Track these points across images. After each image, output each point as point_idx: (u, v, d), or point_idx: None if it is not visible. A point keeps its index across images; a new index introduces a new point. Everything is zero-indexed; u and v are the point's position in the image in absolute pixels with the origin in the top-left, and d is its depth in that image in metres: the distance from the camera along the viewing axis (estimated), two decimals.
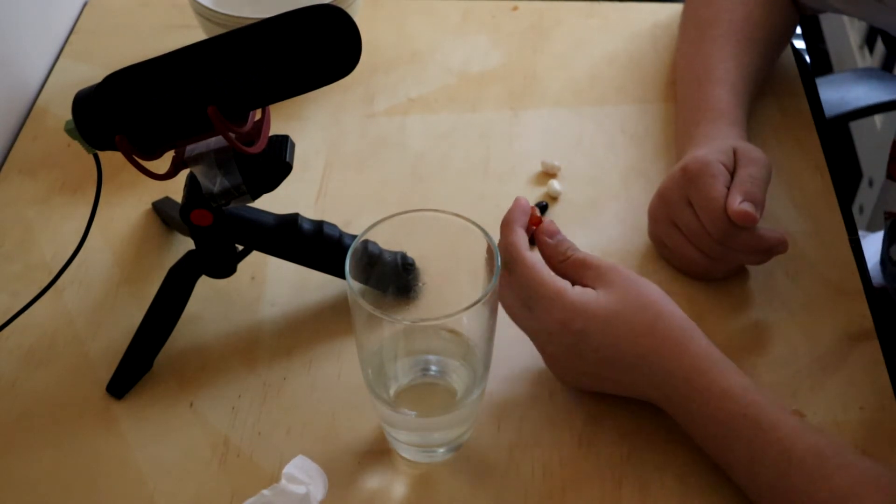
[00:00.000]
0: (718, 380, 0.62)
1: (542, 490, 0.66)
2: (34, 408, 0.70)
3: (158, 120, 0.60)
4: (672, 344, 0.64)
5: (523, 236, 0.66)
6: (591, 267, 0.66)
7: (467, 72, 0.98)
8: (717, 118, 0.80)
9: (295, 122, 0.92)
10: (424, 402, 0.67)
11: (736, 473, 0.63)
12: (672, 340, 0.64)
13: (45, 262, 0.80)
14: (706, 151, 0.75)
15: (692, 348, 0.64)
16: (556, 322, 0.64)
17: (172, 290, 0.72)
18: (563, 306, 0.64)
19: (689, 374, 0.63)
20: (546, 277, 0.65)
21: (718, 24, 0.87)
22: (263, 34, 0.57)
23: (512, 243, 0.66)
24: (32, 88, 0.95)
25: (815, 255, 0.80)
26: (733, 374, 0.63)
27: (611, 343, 0.64)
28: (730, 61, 0.84)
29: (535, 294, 0.65)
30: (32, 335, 0.75)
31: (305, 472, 0.63)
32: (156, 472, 0.67)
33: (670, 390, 0.64)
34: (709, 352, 0.64)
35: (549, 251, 0.67)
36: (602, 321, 0.64)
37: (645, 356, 0.64)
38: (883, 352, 0.73)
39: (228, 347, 0.74)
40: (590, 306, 0.64)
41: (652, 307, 0.64)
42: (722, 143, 0.76)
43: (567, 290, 0.64)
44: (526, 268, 0.65)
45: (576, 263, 0.66)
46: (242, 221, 0.70)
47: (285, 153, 0.65)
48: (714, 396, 0.62)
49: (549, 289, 0.64)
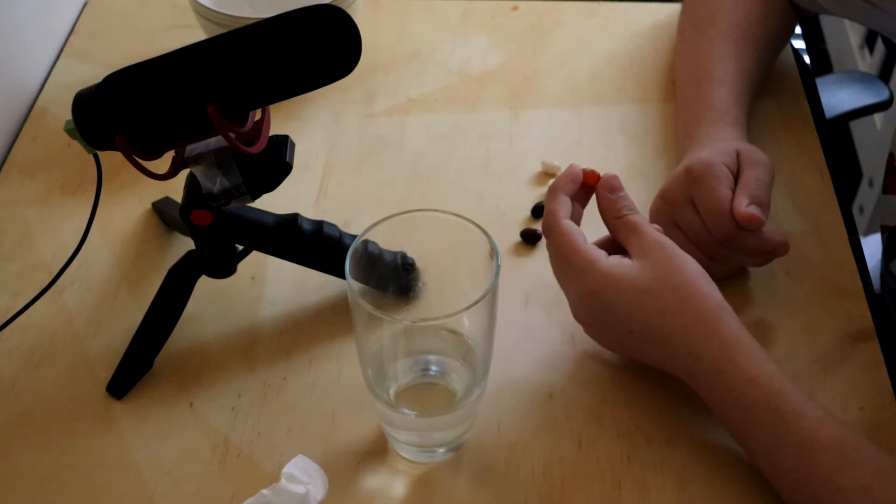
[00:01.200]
0: (745, 367, 0.63)
1: (542, 490, 0.66)
2: (34, 408, 0.70)
3: (158, 120, 0.60)
4: (701, 326, 0.64)
5: (566, 204, 0.68)
6: (639, 234, 0.66)
7: (467, 72, 0.98)
8: (717, 119, 0.80)
9: (295, 122, 0.92)
10: (424, 402, 0.67)
11: (757, 458, 0.64)
12: (701, 323, 0.64)
13: (45, 262, 0.80)
14: (709, 153, 0.75)
15: (721, 332, 0.64)
16: (587, 291, 0.66)
17: (172, 290, 0.72)
18: (594, 276, 0.65)
19: (716, 358, 0.63)
20: (580, 246, 0.66)
21: (716, 23, 0.87)
22: (263, 34, 0.57)
23: (551, 210, 0.68)
24: (32, 88, 0.95)
25: (815, 255, 0.80)
26: (761, 361, 0.63)
27: (639, 318, 0.65)
28: (728, 61, 0.84)
29: (569, 262, 0.66)
30: (32, 335, 0.75)
31: (305, 472, 0.63)
32: (156, 472, 0.67)
33: (695, 371, 0.65)
34: (738, 336, 0.64)
35: (606, 205, 0.69)
36: (632, 295, 0.64)
37: (672, 335, 0.64)
38: (883, 352, 0.73)
39: (228, 347, 0.74)
40: (622, 279, 0.64)
41: (685, 287, 0.64)
42: (724, 145, 0.76)
43: (600, 259, 0.65)
44: (561, 235, 0.66)
45: (627, 225, 0.67)
46: (242, 221, 0.70)
47: (285, 153, 0.65)
48: (739, 383, 0.62)
49: (583, 258, 0.65)
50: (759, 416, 0.62)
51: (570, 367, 0.73)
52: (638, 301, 0.64)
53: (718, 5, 0.88)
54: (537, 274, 0.78)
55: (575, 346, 0.74)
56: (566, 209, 0.67)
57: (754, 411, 0.62)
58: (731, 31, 0.86)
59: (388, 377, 0.66)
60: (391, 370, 0.66)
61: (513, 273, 0.78)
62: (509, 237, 0.81)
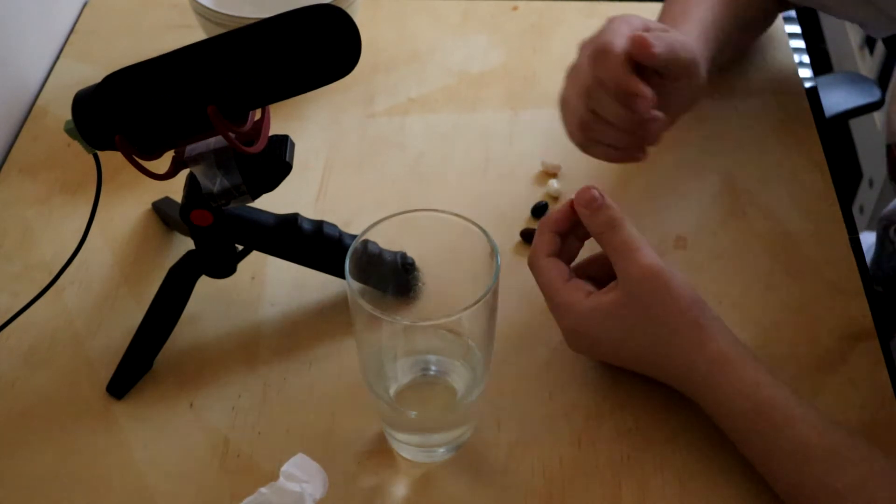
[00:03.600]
0: (733, 380, 0.63)
1: (542, 490, 0.66)
2: (34, 408, 0.70)
3: (158, 120, 0.60)
4: (687, 348, 0.64)
5: (549, 241, 0.67)
6: (625, 259, 0.64)
7: (467, 72, 0.98)
8: None
9: (295, 122, 0.92)
10: (424, 401, 0.67)
11: (754, 461, 0.64)
12: (688, 345, 0.64)
13: (45, 262, 0.80)
14: None
15: (707, 351, 0.64)
16: (570, 329, 0.67)
17: (172, 290, 0.72)
18: (574, 317, 0.66)
19: (704, 375, 0.64)
20: (559, 287, 0.66)
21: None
22: (263, 34, 0.57)
23: (533, 247, 0.68)
24: (32, 88, 0.95)
25: (815, 255, 0.80)
26: (749, 372, 0.63)
27: (627, 347, 0.66)
28: (708, 12, 0.82)
29: (551, 300, 0.67)
30: (32, 335, 0.75)
31: (304, 471, 0.62)
32: (156, 473, 0.67)
33: (689, 385, 0.66)
34: (725, 351, 0.64)
35: (586, 222, 0.66)
36: (617, 330, 0.65)
37: (658, 357, 0.66)
38: (883, 352, 0.73)
39: (228, 347, 0.74)
40: (602, 318, 0.65)
41: (668, 316, 0.64)
42: None
43: (578, 302, 0.65)
44: (540, 275, 0.67)
45: (612, 245, 0.65)
46: (242, 221, 0.70)
47: (285, 153, 0.65)
48: (728, 396, 0.64)
49: (562, 298, 0.66)
50: (750, 425, 0.63)
51: (570, 367, 0.73)
52: (622, 337, 0.66)
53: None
54: None
55: None
56: (549, 246, 0.67)
57: (745, 421, 0.63)
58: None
59: (388, 377, 0.66)
60: (391, 370, 0.66)
61: (513, 273, 0.78)
62: (509, 237, 0.81)
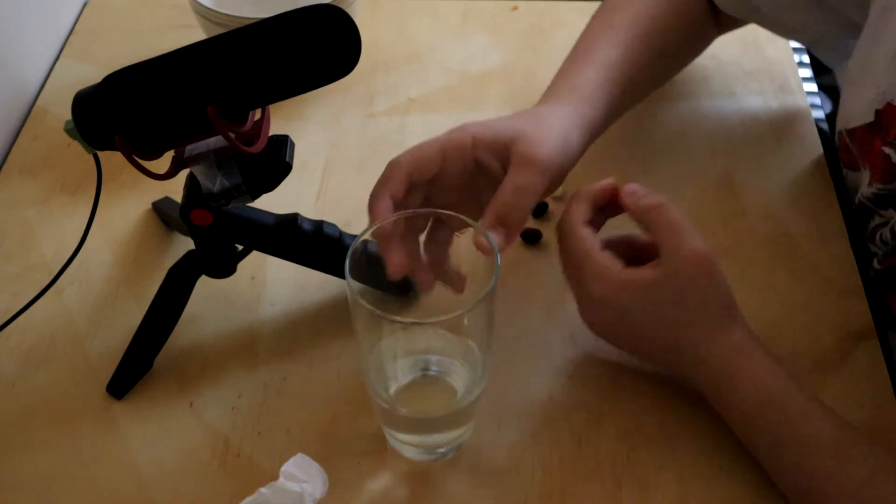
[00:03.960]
0: (750, 368, 0.64)
1: (542, 490, 0.66)
2: (34, 408, 0.70)
3: (158, 120, 0.60)
4: (710, 333, 0.65)
5: (586, 210, 0.67)
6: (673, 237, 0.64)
7: (467, 72, 0.98)
8: (564, 92, 0.75)
9: (295, 122, 0.92)
10: (425, 401, 0.67)
11: (761, 455, 0.64)
12: (711, 330, 0.65)
13: (45, 262, 0.80)
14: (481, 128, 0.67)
15: (730, 337, 0.64)
16: (599, 297, 0.65)
17: (172, 290, 0.72)
18: (607, 283, 0.65)
19: (723, 361, 0.64)
20: (595, 252, 0.65)
21: (624, 13, 0.82)
22: (263, 34, 0.57)
23: (570, 213, 0.67)
24: (32, 88, 0.95)
25: (815, 255, 0.80)
26: (766, 363, 0.64)
27: (650, 325, 0.65)
28: (616, 49, 0.78)
29: (582, 266, 0.66)
30: (32, 335, 0.75)
31: (304, 471, 0.63)
32: (156, 472, 0.67)
33: (702, 373, 0.66)
34: (745, 339, 0.65)
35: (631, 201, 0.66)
36: (650, 305, 0.64)
37: (681, 340, 0.65)
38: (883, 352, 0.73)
39: (228, 347, 0.74)
40: (636, 286, 0.64)
41: (709, 305, 0.65)
42: (517, 122, 0.69)
43: (614, 266, 0.65)
44: (577, 240, 0.66)
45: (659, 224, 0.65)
46: (242, 221, 0.70)
47: (285, 153, 0.65)
48: (744, 384, 0.63)
49: (597, 264, 0.65)
50: (763, 415, 0.63)
51: (570, 367, 0.73)
52: (652, 314, 0.65)
53: (635, 3, 0.83)
54: (537, 274, 0.78)
55: (575, 346, 0.74)
56: (585, 214, 0.67)
57: (758, 410, 0.63)
58: (634, 22, 0.81)
59: (388, 377, 0.66)
60: (391, 370, 0.66)
61: (513, 273, 0.78)
62: None
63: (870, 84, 0.72)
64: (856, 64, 0.76)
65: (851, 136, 0.76)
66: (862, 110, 0.73)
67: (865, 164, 0.75)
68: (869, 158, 0.74)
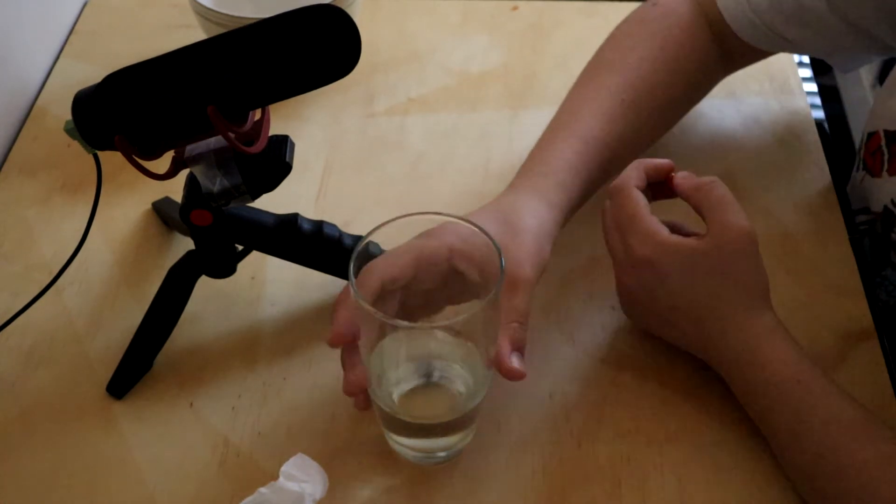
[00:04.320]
0: (778, 348, 0.65)
1: (542, 490, 0.66)
2: (34, 408, 0.70)
3: (158, 120, 0.60)
4: (743, 309, 0.66)
5: (641, 176, 0.69)
6: (722, 211, 0.66)
7: (467, 72, 0.98)
8: (537, 178, 0.73)
9: (295, 122, 0.92)
10: (427, 407, 0.67)
11: (780, 437, 0.65)
12: (745, 307, 0.66)
13: (45, 262, 0.80)
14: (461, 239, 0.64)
15: (761, 316, 0.66)
16: (644, 258, 0.66)
17: (172, 290, 0.72)
18: (654, 245, 0.66)
19: (751, 339, 0.65)
20: (645, 214, 0.67)
21: (613, 73, 0.79)
22: (263, 34, 0.57)
23: (627, 176, 0.68)
24: (32, 88, 0.95)
25: (815, 255, 0.80)
26: (791, 344, 0.65)
27: (688, 294, 0.66)
28: (601, 120, 0.76)
29: (632, 226, 0.67)
30: (32, 335, 0.75)
31: (304, 471, 0.63)
32: (156, 472, 0.67)
33: (726, 351, 0.66)
34: (774, 321, 0.66)
35: (683, 181, 0.69)
36: (690, 273, 0.65)
37: (715, 313, 0.66)
38: (883, 352, 0.73)
39: (228, 347, 0.74)
40: (680, 253, 0.65)
41: (748, 282, 0.66)
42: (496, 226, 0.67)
43: (664, 235, 0.66)
44: (629, 199, 0.67)
45: (709, 199, 0.67)
46: (242, 221, 0.70)
47: (285, 153, 0.65)
48: (771, 362, 0.64)
49: (647, 225, 0.66)
50: (788, 393, 0.63)
51: (570, 367, 0.73)
52: (692, 283, 0.66)
53: (623, 56, 0.80)
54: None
55: (575, 346, 0.74)
56: (639, 180, 0.68)
57: (784, 388, 0.63)
58: (623, 89, 0.78)
59: (391, 382, 0.66)
60: (393, 375, 0.66)
61: None
62: None
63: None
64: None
65: (892, 139, 0.76)
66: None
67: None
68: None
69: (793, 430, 0.63)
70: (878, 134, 0.76)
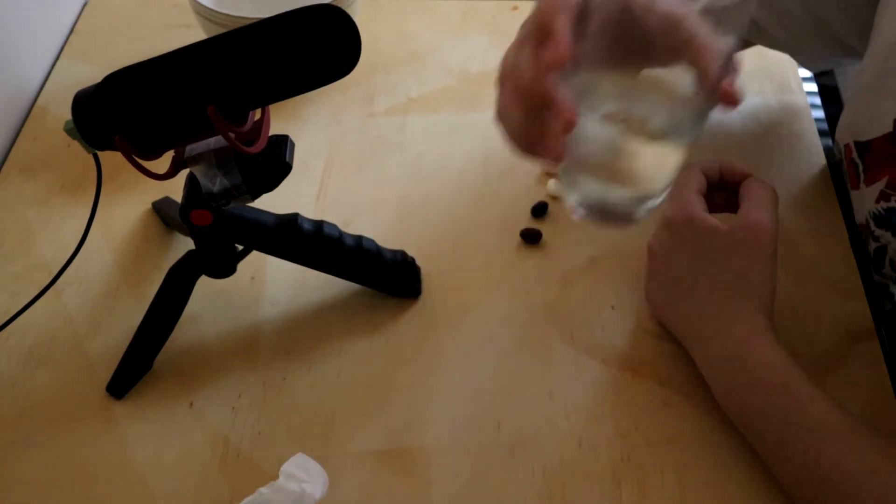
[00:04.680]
0: (767, 352, 0.65)
1: (542, 490, 0.66)
2: (34, 408, 0.70)
3: (158, 120, 0.60)
4: (739, 306, 0.66)
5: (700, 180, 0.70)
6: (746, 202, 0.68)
7: (467, 72, 0.98)
8: None
9: (295, 122, 0.92)
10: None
11: (766, 442, 0.65)
12: (741, 303, 0.66)
13: (45, 262, 0.80)
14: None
15: (754, 323, 0.66)
16: (671, 218, 0.69)
17: (172, 290, 0.72)
18: (684, 209, 0.68)
19: (741, 341, 0.66)
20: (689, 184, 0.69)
21: None
22: (263, 34, 0.57)
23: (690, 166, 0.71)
24: (32, 88, 0.95)
25: (815, 255, 0.80)
26: (780, 350, 0.65)
27: (695, 270, 0.68)
28: None
29: (677, 193, 0.69)
30: (32, 335, 0.75)
31: (304, 471, 0.63)
32: (156, 472, 0.67)
33: (717, 352, 0.67)
34: (766, 326, 0.66)
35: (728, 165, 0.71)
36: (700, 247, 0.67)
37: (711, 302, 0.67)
38: (883, 352, 0.73)
39: (228, 347, 0.74)
40: (699, 228, 0.67)
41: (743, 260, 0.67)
42: None
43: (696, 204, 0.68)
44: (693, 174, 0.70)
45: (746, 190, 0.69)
46: (242, 221, 0.70)
47: (285, 153, 0.65)
48: (759, 367, 0.64)
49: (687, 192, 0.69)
50: (774, 398, 0.63)
51: (570, 367, 0.73)
52: (700, 257, 0.68)
53: None
54: (537, 274, 0.78)
55: (575, 346, 0.74)
56: (697, 184, 0.70)
57: (771, 393, 0.64)
58: None
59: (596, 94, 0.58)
60: (599, 89, 0.58)
61: (513, 273, 0.78)
62: (509, 237, 0.81)
63: (891, 95, 0.72)
64: (872, 76, 0.75)
65: (863, 149, 0.76)
66: (880, 122, 0.73)
67: (877, 177, 0.75)
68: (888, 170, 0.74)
69: (780, 436, 0.63)
70: (850, 146, 0.77)
